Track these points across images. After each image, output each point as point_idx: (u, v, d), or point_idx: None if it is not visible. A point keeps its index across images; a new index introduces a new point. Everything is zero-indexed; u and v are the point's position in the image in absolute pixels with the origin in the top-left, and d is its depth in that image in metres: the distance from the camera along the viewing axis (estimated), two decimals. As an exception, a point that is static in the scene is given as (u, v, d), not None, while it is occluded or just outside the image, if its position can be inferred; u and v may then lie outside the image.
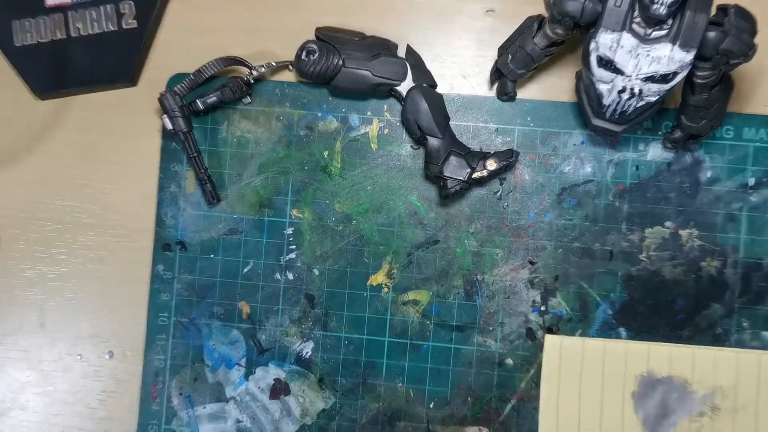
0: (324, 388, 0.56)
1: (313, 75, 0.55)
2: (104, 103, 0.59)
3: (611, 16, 0.46)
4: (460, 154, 0.54)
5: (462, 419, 0.55)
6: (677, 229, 0.55)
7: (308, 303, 0.56)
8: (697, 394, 0.53)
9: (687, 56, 0.46)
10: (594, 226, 0.55)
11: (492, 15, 0.57)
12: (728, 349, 0.54)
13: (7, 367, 0.59)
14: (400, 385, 0.56)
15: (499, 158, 0.54)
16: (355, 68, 0.55)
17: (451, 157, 0.53)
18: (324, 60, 0.55)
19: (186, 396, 0.57)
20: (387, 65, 0.55)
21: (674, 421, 0.53)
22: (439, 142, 0.54)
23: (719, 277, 0.54)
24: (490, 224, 0.56)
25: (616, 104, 0.50)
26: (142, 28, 0.57)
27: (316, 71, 0.55)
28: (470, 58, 0.57)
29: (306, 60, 0.55)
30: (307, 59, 0.55)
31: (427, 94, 0.54)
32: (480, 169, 0.53)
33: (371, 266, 0.56)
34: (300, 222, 0.57)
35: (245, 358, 0.57)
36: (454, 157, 0.53)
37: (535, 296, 0.55)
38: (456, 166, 0.53)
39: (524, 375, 0.55)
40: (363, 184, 0.56)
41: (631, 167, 0.55)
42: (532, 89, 0.56)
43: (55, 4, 0.57)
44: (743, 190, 0.54)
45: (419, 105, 0.54)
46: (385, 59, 0.55)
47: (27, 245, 0.59)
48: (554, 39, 0.51)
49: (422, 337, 0.56)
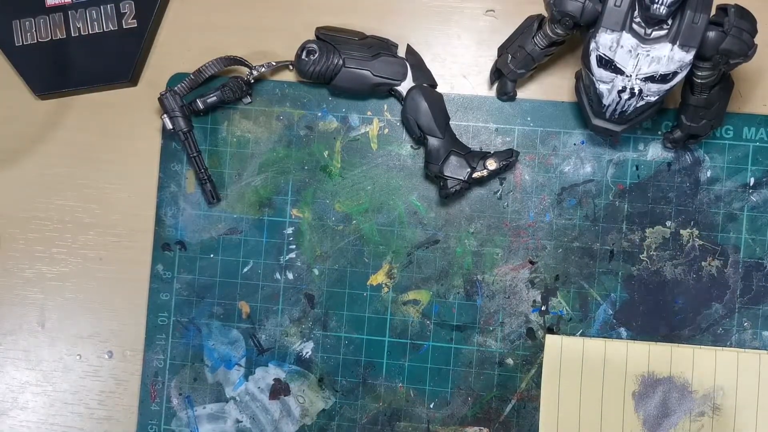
0: (324, 388, 0.56)
1: (314, 75, 0.55)
2: (104, 103, 0.59)
3: (611, 16, 0.46)
4: (461, 153, 0.53)
5: (462, 419, 0.55)
6: (678, 229, 0.55)
7: (308, 303, 0.56)
8: (697, 394, 0.53)
9: (687, 56, 0.46)
10: (594, 226, 0.55)
11: (492, 15, 0.57)
12: (728, 349, 0.54)
13: (7, 366, 0.59)
14: (400, 385, 0.56)
15: (499, 158, 0.54)
16: (355, 68, 0.55)
17: (451, 157, 0.53)
18: (324, 60, 0.55)
19: (186, 396, 0.57)
20: (387, 65, 0.55)
21: (674, 421, 0.53)
22: (439, 141, 0.54)
23: (719, 277, 0.54)
24: (490, 224, 0.56)
25: (616, 104, 0.50)
26: (142, 28, 0.57)
27: (317, 71, 0.55)
28: (470, 58, 0.57)
29: (306, 60, 0.55)
30: (308, 59, 0.55)
31: (427, 93, 0.54)
32: (480, 169, 0.53)
33: (371, 266, 0.56)
34: (300, 222, 0.57)
35: (245, 358, 0.57)
36: (454, 156, 0.53)
37: (536, 296, 0.55)
38: (456, 166, 0.53)
39: (524, 375, 0.55)
40: (363, 183, 0.56)
41: (631, 167, 0.55)
42: (532, 89, 0.56)
43: (55, 4, 0.57)
44: (743, 190, 0.55)
45: (419, 105, 0.54)
46: (385, 59, 0.55)
47: (27, 245, 0.59)
48: (554, 39, 0.51)
49: (422, 337, 0.56)
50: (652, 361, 0.53)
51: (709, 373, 0.53)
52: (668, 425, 0.53)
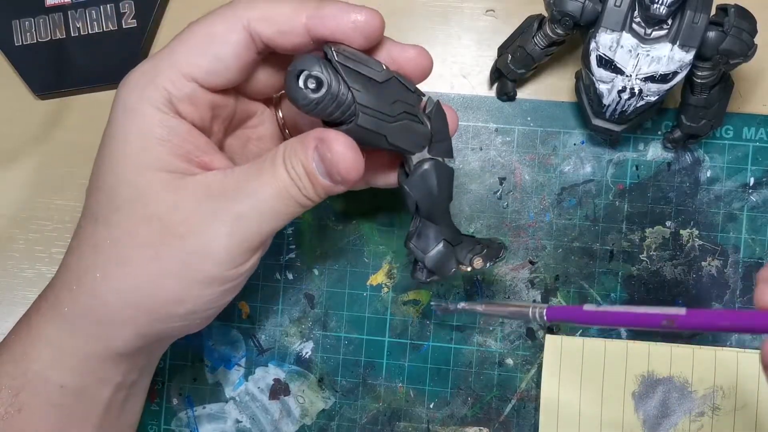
0: (324, 389, 0.56)
1: (311, 111, 0.38)
2: (104, 103, 0.58)
3: (611, 16, 0.46)
4: (451, 245, 0.45)
5: (462, 419, 0.55)
6: (677, 229, 0.55)
7: (308, 303, 0.56)
8: (697, 394, 0.53)
9: (687, 56, 0.46)
10: (594, 226, 0.55)
11: (492, 15, 0.57)
12: (728, 349, 0.54)
13: (7, 367, 0.59)
14: (400, 386, 0.56)
15: (487, 258, 0.46)
16: (368, 128, 0.39)
17: (439, 246, 0.45)
18: (330, 101, 0.38)
19: (185, 396, 0.57)
20: (407, 133, 0.41)
21: (674, 421, 0.53)
22: (433, 227, 0.44)
23: (719, 277, 0.54)
24: (490, 224, 0.56)
25: (616, 104, 0.50)
26: (142, 28, 0.57)
27: (317, 110, 0.38)
28: (470, 58, 0.57)
29: (304, 90, 0.37)
30: (306, 90, 0.37)
31: (440, 172, 0.43)
32: (466, 266, 0.46)
33: (371, 266, 0.56)
34: (300, 222, 0.57)
35: (245, 358, 0.57)
36: (442, 245, 0.45)
37: (536, 296, 0.55)
38: (441, 257, 0.45)
39: (524, 375, 0.55)
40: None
41: (631, 167, 0.55)
42: (532, 89, 0.56)
43: (54, 4, 0.57)
44: (743, 190, 0.55)
45: (427, 184, 0.43)
46: (407, 124, 0.40)
47: (27, 245, 0.59)
48: (554, 39, 0.51)
49: (422, 337, 0.56)
50: (652, 361, 0.53)
51: (709, 373, 0.53)
52: (668, 425, 0.53)
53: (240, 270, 0.40)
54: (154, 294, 0.39)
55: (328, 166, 0.38)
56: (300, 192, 0.39)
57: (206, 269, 0.38)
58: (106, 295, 0.39)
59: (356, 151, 0.38)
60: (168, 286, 0.39)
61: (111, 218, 0.39)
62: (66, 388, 0.41)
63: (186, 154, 0.39)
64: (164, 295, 0.39)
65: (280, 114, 0.47)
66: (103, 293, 0.39)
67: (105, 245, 0.39)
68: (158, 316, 0.39)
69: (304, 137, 0.39)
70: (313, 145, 0.38)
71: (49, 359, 0.40)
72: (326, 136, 0.38)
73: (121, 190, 0.39)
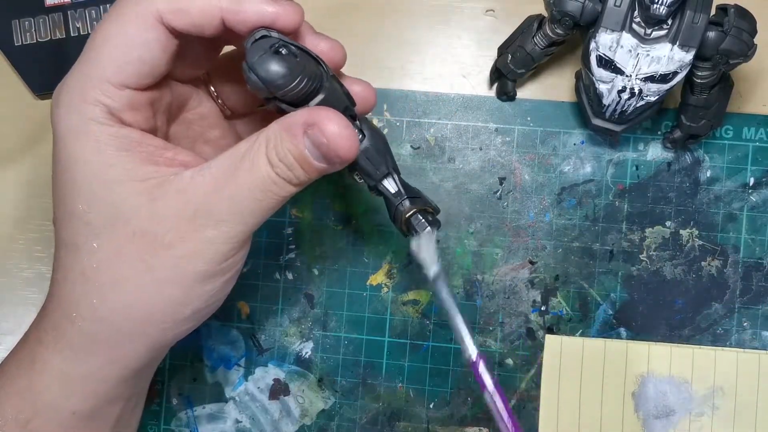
0: (323, 389, 0.56)
1: (291, 85, 0.36)
2: (104, 103, 0.58)
3: (611, 16, 0.46)
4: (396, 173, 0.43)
5: (462, 419, 0.55)
6: (677, 229, 0.55)
7: (308, 303, 0.56)
8: (697, 394, 0.53)
9: (687, 56, 0.46)
10: (594, 226, 0.55)
11: (492, 15, 0.57)
12: (728, 349, 0.54)
13: (6, 367, 0.58)
14: (399, 386, 0.56)
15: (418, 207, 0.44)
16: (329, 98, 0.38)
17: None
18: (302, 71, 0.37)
19: (185, 396, 0.57)
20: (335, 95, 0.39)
21: (674, 421, 0.53)
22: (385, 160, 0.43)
23: (719, 277, 0.54)
24: (490, 224, 0.56)
25: (616, 104, 0.50)
26: (142, 27, 0.57)
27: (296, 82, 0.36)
28: (470, 58, 0.57)
29: (286, 57, 0.37)
30: (288, 56, 0.37)
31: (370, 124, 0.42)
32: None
33: (371, 266, 0.56)
34: (300, 222, 0.57)
35: (244, 358, 0.57)
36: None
37: (536, 296, 0.55)
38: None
39: (524, 375, 0.55)
40: (363, 183, 0.56)
41: (631, 167, 0.55)
42: (532, 89, 0.56)
43: (54, 4, 0.57)
44: (743, 190, 0.55)
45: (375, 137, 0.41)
46: (330, 88, 0.39)
47: (26, 245, 0.58)
48: (554, 39, 0.51)
49: (422, 337, 0.56)
50: (652, 361, 0.53)
51: (709, 373, 0.53)
52: (668, 425, 0.53)
53: (236, 258, 0.39)
54: (156, 303, 0.38)
55: (325, 151, 0.36)
56: (286, 182, 0.37)
57: (200, 268, 0.38)
58: (111, 317, 0.38)
59: (349, 127, 0.36)
60: (168, 293, 0.38)
61: (92, 244, 0.38)
62: (78, 413, 0.40)
63: (149, 157, 0.38)
64: (167, 302, 0.38)
65: (212, 89, 0.46)
66: (107, 316, 0.38)
67: (93, 271, 0.38)
68: (166, 323, 0.39)
69: (288, 125, 0.36)
70: (302, 131, 0.36)
71: (59, 390, 0.40)
72: (314, 119, 0.36)
73: (98, 211, 0.37)
